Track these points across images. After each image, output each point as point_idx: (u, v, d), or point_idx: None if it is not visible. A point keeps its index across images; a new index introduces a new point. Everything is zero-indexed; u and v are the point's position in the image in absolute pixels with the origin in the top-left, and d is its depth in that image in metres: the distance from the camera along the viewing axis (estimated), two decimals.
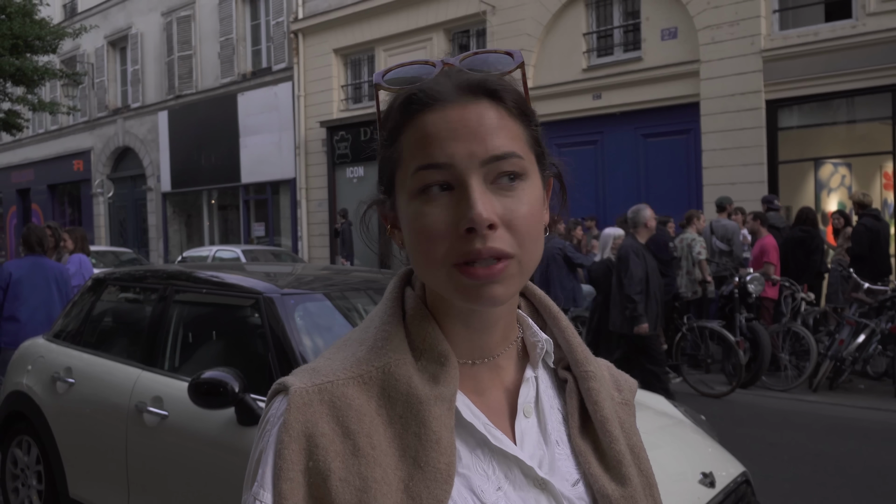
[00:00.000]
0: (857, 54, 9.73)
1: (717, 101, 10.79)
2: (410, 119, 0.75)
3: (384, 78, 0.78)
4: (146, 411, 3.24)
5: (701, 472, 2.76)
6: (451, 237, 0.72)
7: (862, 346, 7.41)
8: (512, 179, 0.74)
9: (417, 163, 0.74)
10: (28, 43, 13.08)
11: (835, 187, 11.21)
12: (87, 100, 21.75)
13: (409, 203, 0.75)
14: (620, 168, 12.02)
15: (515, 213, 0.73)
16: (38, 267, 5.61)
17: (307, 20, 16.11)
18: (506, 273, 0.73)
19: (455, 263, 0.72)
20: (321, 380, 0.75)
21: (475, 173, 0.72)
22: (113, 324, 4.25)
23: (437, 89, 0.74)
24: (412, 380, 0.75)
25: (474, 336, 0.81)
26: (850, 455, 5.54)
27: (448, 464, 0.72)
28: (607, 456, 0.82)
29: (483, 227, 0.70)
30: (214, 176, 18.27)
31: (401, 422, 0.74)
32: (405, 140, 0.75)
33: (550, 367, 0.89)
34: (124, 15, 20.76)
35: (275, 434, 0.74)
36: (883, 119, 10.02)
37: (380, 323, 0.81)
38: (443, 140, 0.73)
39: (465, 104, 0.74)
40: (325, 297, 3.51)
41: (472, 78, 0.75)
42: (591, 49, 12.36)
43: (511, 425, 0.81)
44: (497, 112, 0.75)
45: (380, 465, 0.71)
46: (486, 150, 0.72)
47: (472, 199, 0.71)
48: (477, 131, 0.73)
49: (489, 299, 0.73)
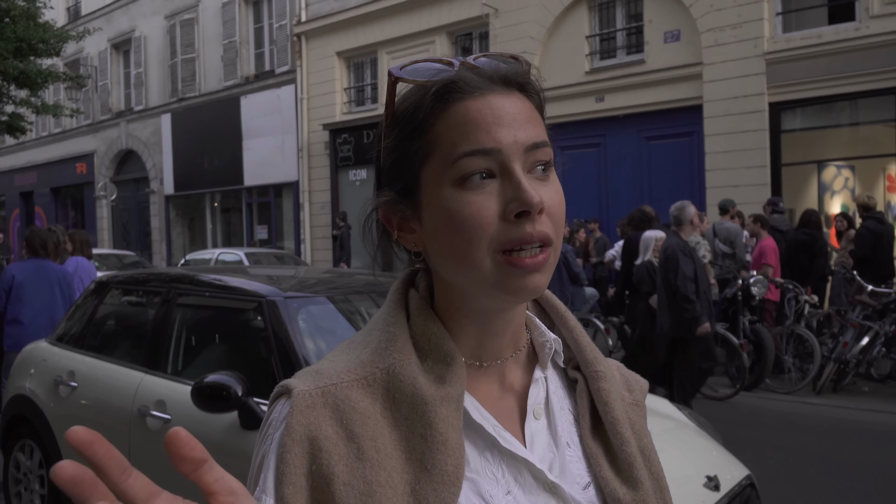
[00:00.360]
0: (861, 57, 9.72)
1: (720, 104, 10.78)
2: (447, 108, 0.74)
3: (403, 70, 0.77)
4: (149, 415, 3.24)
5: (706, 476, 2.74)
6: (497, 223, 0.72)
7: (866, 348, 7.39)
8: (545, 169, 0.75)
9: (461, 150, 0.72)
10: (31, 46, 13.12)
11: (838, 190, 11.19)
12: (91, 103, 21.80)
13: (448, 193, 0.73)
14: (623, 170, 12.01)
15: (552, 200, 0.74)
16: (41, 270, 5.61)
17: (310, 23, 16.13)
18: (547, 263, 0.73)
19: (502, 250, 0.72)
20: (325, 382, 0.74)
21: (518, 160, 0.73)
22: (116, 327, 4.25)
23: (475, 78, 0.74)
24: (417, 380, 0.74)
25: (486, 339, 0.80)
26: (854, 458, 5.52)
27: (456, 466, 0.71)
28: (618, 458, 0.81)
29: (536, 210, 0.71)
30: (217, 179, 18.28)
31: (406, 424, 0.73)
32: (441, 129, 0.74)
33: (560, 368, 0.88)
34: (128, 18, 20.81)
35: (277, 438, 0.72)
36: (886, 121, 10.00)
37: (383, 325, 0.80)
38: (489, 125, 0.72)
39: (504, 93, 0.75)
40: (329, 300, 3.50)
41: (508, 70, 0.76)
42: (593, 52, 12.36)
43: (521, 427, 0.80)
44: (528, 104, 0.76)
45: (384, 469, 0.70)
46: (528, 137, 0.73)
47: (522, 183, 0.71)
48: (517, 118, 0.74)
49: (534, 289, 0.73)
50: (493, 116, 0.73)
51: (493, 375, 0.81)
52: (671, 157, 11.53)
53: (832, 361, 7.47)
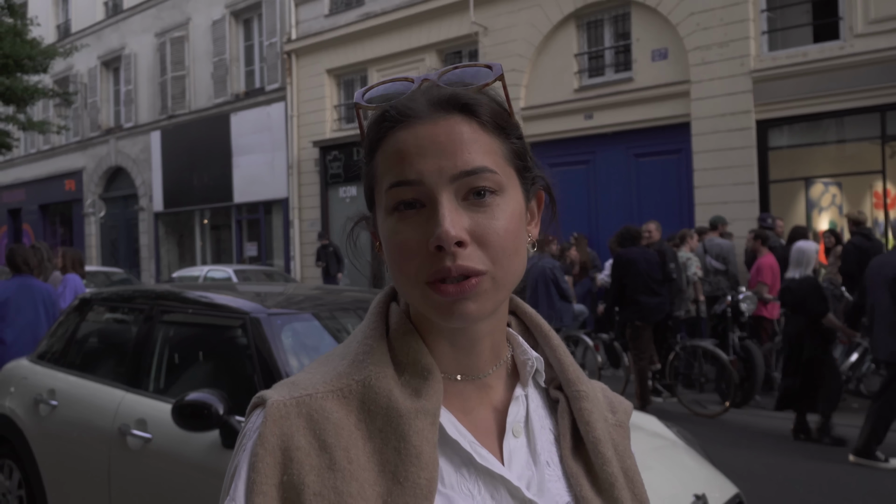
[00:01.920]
0: (846, 75, 9.82)
1: (707, 121, 10.86)
2: (384, 136, 0.75)
3: (364, 97, 0.78)
4: (129, 434, 3.18)
5: (693, 495, 2.71)
6: (422, 254, 0.72)
7: (855, 364, 7.40)
8: (484, 195, 0.73)
9: (389, 180, 0.74)
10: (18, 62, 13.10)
11: (826, 206, 11.26)
12: (80, 120, 21.75)
13: (385, 220, 0.75)
14: (612, 188, 12.05)
15: (487, 228, 0.72)
16: (25, 288, 5.55)
17: (300, 41, 16.18)
18: (478, 289, 0.72)
19: (427, 281, 0.72)
20: (300, 393, 0.74)
21: (445, 189, 0.72)
22: (98, 344, 4.19)
23: (409, 106, 0.74)
24: (392, 393, 0.74)
25: (460, 354, 0.79)
26: (845, 475, 5.50)
27: (429, 479, 0.71)
28: (599, 478, 0.81)
29: (450, 245, 0.70)
30: (207, 196, 18.23)
31: (380, 436, 0.73)
32: (380, 157, 0.76)
33: (542, 387, 0.87)
34: (118, 36, 20.82)
35: (250, 447, 0.73)
36: (872, 139, 10.09)
37: (362, 337, 0.80)
38: (413, 157, 0.72)
39: (435, 120, 0.73)
40: (314, 316, 3.47)
41: (444, 93, 0.75)
42: (582, 69, 12.44)
43: (499, 445, 0.80)
44: (469, 127, 0.74)
45: (356, 480, 0.70)
46: (456, 166, 0.72)
47: (440, 215, 0.71)
48: (446, 147, 0.72)
49: (462, 316, 0.72)
50: (417, 147, 0.73)
51: (472, 391, 0.81)
52: (660, 174, 11.58)
53: None
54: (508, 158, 0.77)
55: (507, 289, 0.75)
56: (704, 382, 8.02)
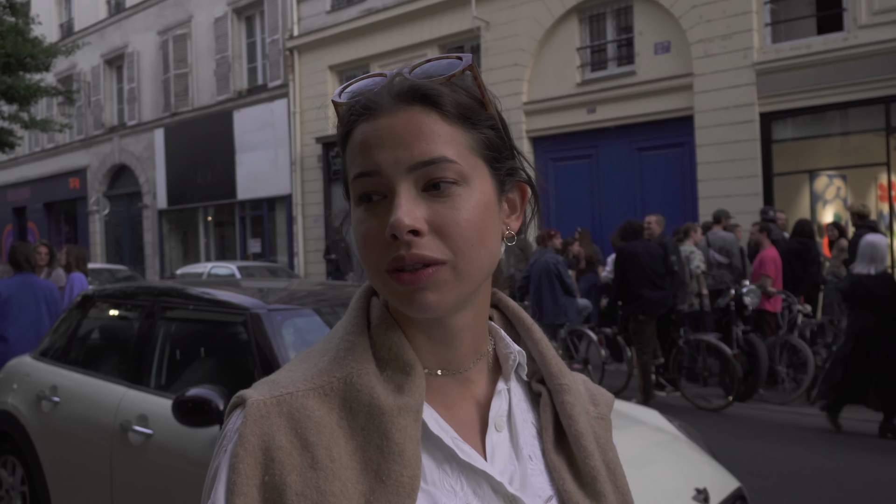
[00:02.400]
0: (850, 66, 9.76)
1: (710, 114, 10.81)
2: (351, 130, 0.76)
3: (341, 95, 0.80)
4: (131, 430, 3.19)
5: (695, 489, 2.70)
6: (381, 244, 0.72)
7: None
8: (441, 186, 0.72)
9: (353, 171, 0.75)
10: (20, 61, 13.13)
11: (830, 199, 11.21)
12: (84, 118, 21.78)
13: (353, 211, 0.76)
14: (615, 182, 12.02)
15: (447, 218, 0.72)
16: (28, 286, 5.56)
17: (302, 37, 16.17)
18: (436, 279, 0.71)
19: (387, 270, 0.72)
20: (280, 391, 0.73)
21: (403, 180, 0.72)
22: (100, 341, 4.20)
23: (373, 99, 0.75)
24: (374, 390, 0.73)
25: (439, 348, 0.79)
26: (849, 468, 5.48)
27: (412, 477, 0.70)
28: (582, 472, 0.80)
29: (403, 234, 0.70)
30: (210, 193, 18.25)
31: (363, 434, 0.72)
32: (347, 150, 0.77)
33: (524, 381, 0.86)
34: (120, 34, 20.83)
35: (230, 448, 0.72)
36: (877, 131, 10.04)
37: (343, 333, 0.79)
38: (371, 148, 0.73)
39: (395, 112, 0.74)
40: (315, 312, 3.47)
41: (405, 85, 0.75)
42: (584, 63, 12.40)
43: (482, 440, 0.79)
44: (430, 118, 0.74)
45: (339, 479, 0.69)
46: (412, 157, 0.72)
47: (394, 205, 0.71)
48: (404, 138, 0.73)
49: (421, 306, 0.72)
50: (376, 138, 0.73)
51: (454, 386, 0.80)
52: (663, 168, 11.55)
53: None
54: (474, 149, 0.75)
55: (471, 280, 0.74)
56: (708, 376, 8.01)
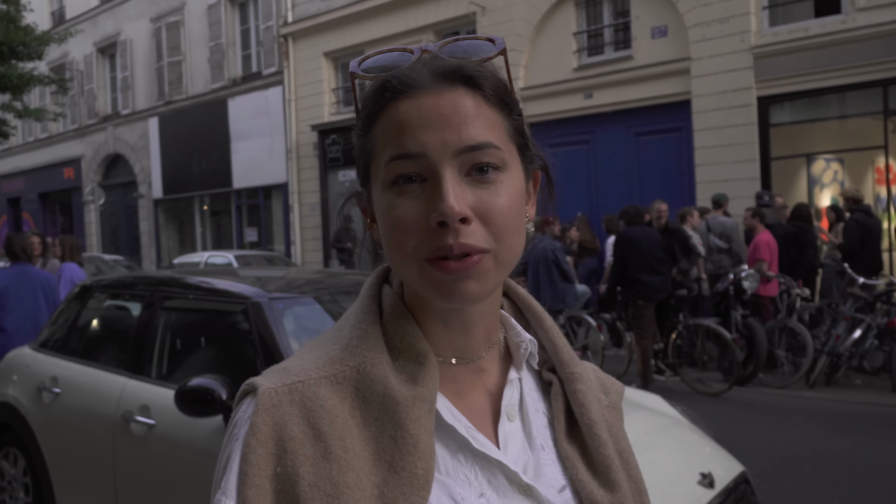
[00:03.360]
0: (848, 50, 9.73)
1: (708, 99, 10.78)
2: (384, 108, 0.72)
3: (361, 66, 0.75)
4: (133, 420, 3.18)
5: (700, 473, 2.70)
6: (422, 230, 0.69)
7: (858, 341, 7.38)
8: (487, 171, 0.70)
9: (390, 153, 0.71)
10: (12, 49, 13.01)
11: (827, 183, 11.21)
12: (77, 107, 21.64)
13: (382, 195, 0.72)
14: (613, 167, 12.00)
15: (491, 205, 0.70)
16: (24, 276, 5.53)
17: (297, 24, 16.05)
18: (480, 268, 0.69)
19: (427, 258, 0.69)
20: (291, 380, 0.72)
21: (448, 164, 0.69)
22: (100, 332, 4.18)
23: (411, 76, 0.71)
24: (388, 380, 0.71)
25: (454, 336, 0.77)
26: (849, 451, 5.50)
27: (426, 469, 0.69)
28: (595, 461, 0.79)
29: (454, 221, 0.67)
30: (206, 182, 18.18)
31: (376, 424, 0.70)
32: (378, 129, 0.73)
33: (535, 370, 0.85)
34: (113, 21, 20.66)
35: (242, 437, 0.70)
36: (874, 114, 10.02)
37: (355, 321, 0.77)
38: (415, 129, 0.69)
39: (439, 91, 0.70)
40: (315, 300, 3.45)
41: (448, 64, 0.72)
42: (581, 48, 12.34)
43: (494, 429, 0.78)
44: (474, 100, 0.71)
45: (353, 470, 0.68)
46: (461, 140, 0.69)
47: (443, 190, 0.68)
48: (451, 120, 0.69)
49: (463, 296, 0.70)
50: (421, 119, 0.70)
51: (466, 375, 0.79)
52: (661, 153, 11.52)
53: (825, 355, 7.46)
54: (510, 135, 0.74)
55: (508, 268, 0.73)
56: (707, 361, 8.03)
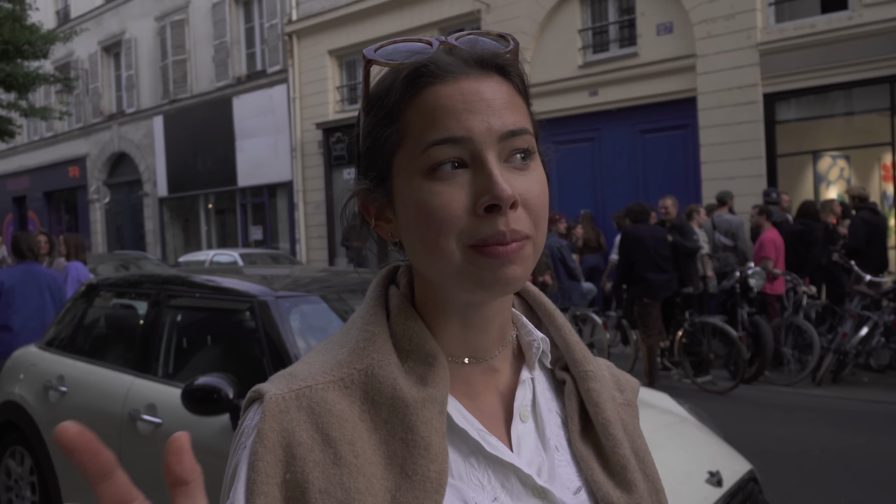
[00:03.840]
0: (854, 46, 9.67)
1: (714, 96, 10.74)
2: (417, 93, 0.70)
3: (376, 52, 0.72)
4: (140, 419, 3.18)
5: (708, 471, 2.69)
6: (467, 217, 0.67)
7: (865, 339, 7.35)
8: (525, 157, 0.70)
9: (430, 138, 0.68)
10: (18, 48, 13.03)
11: (834, 180, 11.16)
12: (82, 106, 21.67)
13: (417, 183, 0.69)
14: (618, 164, 11.96)
15: (531, 191, 0.70)
16: (31, 275, 5.54)
17: (301, 22, 16.05)
18: (523, 253, 0.69)
19: (471, 244, 0.68)
20: (299, 385, 0.70)
21: (492, 148, 0.68)
22: (106, 330, 4.18)
23: (447, 61, 0.70)
24: (397, 382, 0.70)
25: (470, 335, 0.76)
26: (856, 449, 5.48)
27: (439, 472, 0.67)
28: (610, 461, 0.78)
29: (507, 205, 0.66)
30: (211, 180, 18.19)
31: (386, 427, 0.69)
32: (411, 116, 0.70)
33: (547, 368, 0.84)
34: (117, 20, 20.68)
35: (249, 445, 0.68)
36: (881, 110, 9.96)
37: (361, 324, 0.76)
38: (459, 112, 0.68)
39: (478, 77, 0.70)
40: (322, 299, 3.45)
41: (485, 52, 0.71)
42: (586, 45, 12.30)
43: (507, 431, 0.76)
44: (509, 88, 0.71)
45: (364, 475, 0.66)
46: (504, 125, 0.68)
47: (493, 174, 0.67)
48: (493, 104, 0.69)
49: (507, 282, 0.69)
50: (465, 102, 0.68)
51: (477, 376, 0.77)
52: (666, 150, 11.49)
53: (831, 352, 7.43)
54: (533, 124, 0.74)
55: (538, 257, 0.72)
56: (713, 359, 8.01)
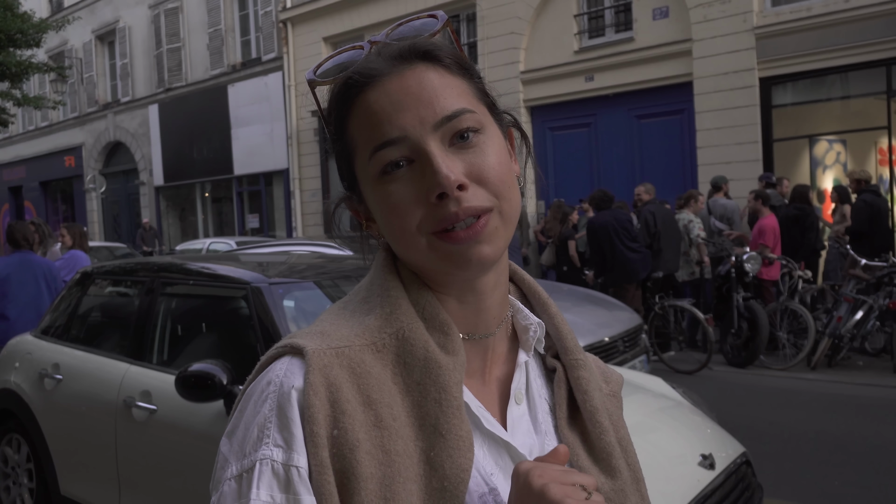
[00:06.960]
0: (851, 29, 9.63)
1: (710, 80, 10.70)
2: (352, 104, 0.73)
3: (316, 73, 0.76)
4: (135, 406, 3.19)
5: (700, 454, 2.71)
6: (423, 208, 0.70)
7: (860, 322, 7.38)
8: (468, 136, 0.71)
9: (371, 145, 0.71)
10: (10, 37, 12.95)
11: (830, 164, 11.15)
12: (77, 95, 21.57)
13: (374, 189, 0.73)
14: (615, 150, 11.94)
15: (483, 165, 0.71)
16: (26, 263, 5.53)
17: (295, 9, 15.95)
18: (488, 229, 0.70)
19: (434, 232, 0.70)
20: (337, 344, 0.70)
21: (431, 138, 0.70)
22: (101, 318, 4.19)
23: (370, 66, 0.72)
24: (429, 344, 0.71)
25: (469, 312, 0.77)
26: (850, 432, 5.51)
27: (468, 432, 0.69)
28: (596, 448, 0.80)
29: (453, 190, 0.68)
30: (207, 168, 18.15)
31: (418, 389, 0.70)
32: (353, 127, 0.73)
33: (539, 355, 0.86)
34: (111, 9, 20.55)
35: (295, 396, 0.67)
36: (877, 94, 9.94)
37: (382, 291, 0.76)
38: (389, 114, 0.70)
39: (401, 72, 0.71)
40: (316, 285, 3.45)
41: (401, 45, 0.73)
42: (582, 31, 12.24)
43: (502, 411, 0.78)
44: (436, 72, 0.72)
45: (402, 438, 0.68)
46: (436, 113, 0.70)
47: (435, 164, 0.68)
48: (420, 96, 0.70)
49: (479, 261, 0.71)
50: (392, 103, 0.70)
51: (476, 353, 0.79)
52: (662, 135, 11.47)
53: (826, 336, 7.46)
54: (479, 97, 0.76)
55: (512, 224, 0.74)
56: (682, 341, 8.18)
